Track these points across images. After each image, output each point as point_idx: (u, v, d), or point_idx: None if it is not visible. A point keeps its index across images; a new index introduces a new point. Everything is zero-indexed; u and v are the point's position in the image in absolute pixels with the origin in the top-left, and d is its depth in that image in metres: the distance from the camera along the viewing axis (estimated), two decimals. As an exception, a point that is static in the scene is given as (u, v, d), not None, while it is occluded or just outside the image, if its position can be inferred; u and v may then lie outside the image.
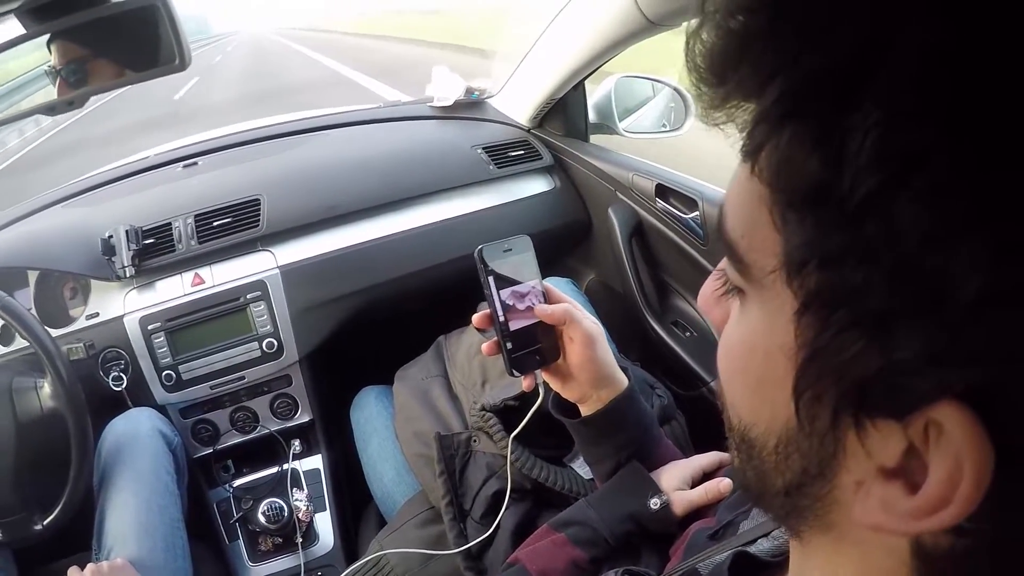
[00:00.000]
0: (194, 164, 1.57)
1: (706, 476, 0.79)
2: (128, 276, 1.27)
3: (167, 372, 1.29)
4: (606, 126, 1.58)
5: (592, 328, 0.78)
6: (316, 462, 1.44)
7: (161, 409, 1.33)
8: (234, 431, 1.42)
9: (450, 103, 1.73)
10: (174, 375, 1.30)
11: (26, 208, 1.50)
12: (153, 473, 1.19)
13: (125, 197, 1.48)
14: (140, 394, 1.30)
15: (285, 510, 1.31)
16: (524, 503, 0.99)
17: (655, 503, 0.75)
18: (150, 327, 1.28)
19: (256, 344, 1.33)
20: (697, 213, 1.21)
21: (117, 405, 1.28)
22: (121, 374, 1.27)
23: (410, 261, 1.44)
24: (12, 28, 0.78)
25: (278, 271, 1.34)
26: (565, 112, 1.60)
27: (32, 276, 1.33)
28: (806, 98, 0.25)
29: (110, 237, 1.28)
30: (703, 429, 1.05)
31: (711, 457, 0.82)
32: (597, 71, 1.42)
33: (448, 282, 1.44)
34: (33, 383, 1.09)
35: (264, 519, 1.30)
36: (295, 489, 1.36)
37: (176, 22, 0.79)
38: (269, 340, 1.33)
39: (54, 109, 0.85)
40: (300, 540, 1.31)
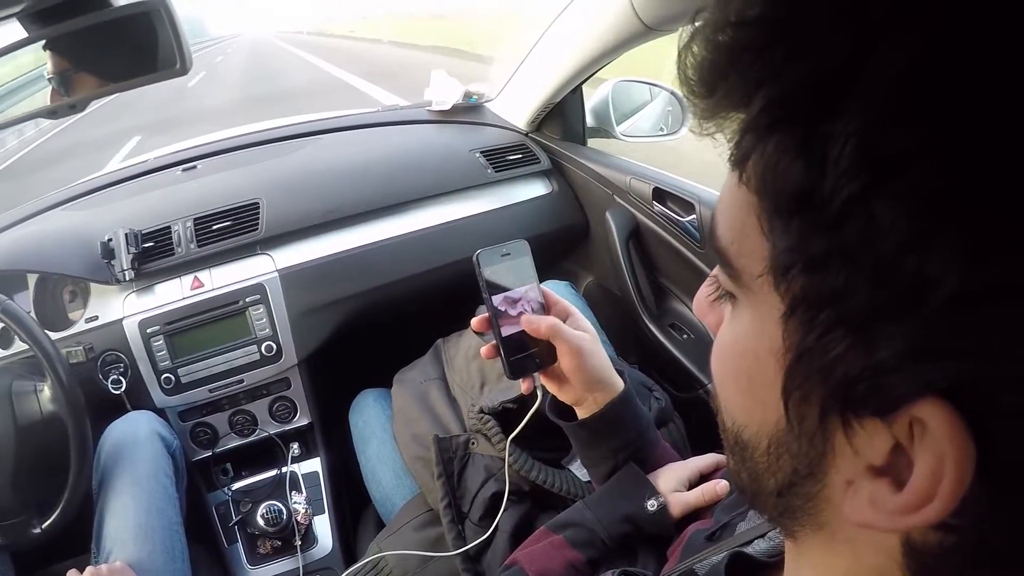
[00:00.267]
0: (193, 168, 1.58)
1: (703, 478, 0.80)
2: (127, 279, 1.27)
3: (166, 375, 1.29)
4: (603, 130, 1.59)
5: (579, 341, 0.77)
6: (315, 465, 1.44)
7: (160, 412, 1.33)
8: (233, 434, 1.42)
9: (448, 107, 1.74)
10: (173, 378, 1.30)
11: (25, 211, 1.50)
12: (152, 476, 1.19)
13: (124, 200, 1.48)
14: (139, 397, 1.30)
15: (284, 513, 1.32)
16: (522, 505, 0.99)
17: (652, 505, 0.75)
18: (149, 330, 1.28)
19: (255, 347, 1.33)
20: (694, 216, 1.22)
21: (116, 408, 1.28)
22: (120, 377, 1.27)
23: (408, 264, 1.44)
24: (14, 31, 0.79)
25: (277, 274, 1.34)
26: (563, 116, 1.61)
27: (31, 279, 1.33)
28: (790, 107, 0.26)
29: (109, 240, 1.28)
30: (700, 431, 1.06)
31: (708, 459, 0.82)
32: (594, 75, 1.42)
33: (446, 285, 1.45)
34: (33, 387, 1.09)
35: (263, 522, 1.30)
36: (294, 492, 1.37)
37: (177, 26, 0.80)
38: (268, 343, 1.33)
39: (56, 112, 0.85)
40: (299, 543, 1.31)
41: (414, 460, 1.16)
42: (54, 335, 1.23)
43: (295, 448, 1.44)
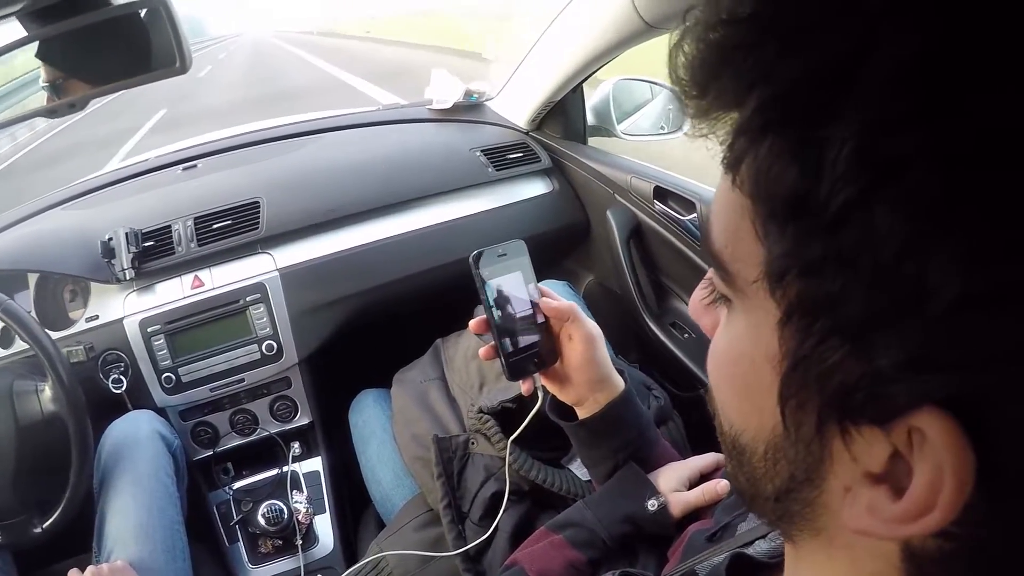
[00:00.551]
0: (194, 167, 1.58)
1: (703, 477, 0.80)
2: (128, 279, 1.27)
3: (167, 374, 1.29)
4: (604, 128, 1.59)
5: (594, 327, 0.79)
6: (316, 464, 1.44)
7: (161, 411, 1.33)
8: (234, 433, 1.42)
9: (449, 106, 1.73)
10: (174, 377, 1.30)
11: (26, 211, 1.50)
12: (153, 475, 1.19)
13: (125, 199, 1.48)
14: (140, 396, 1.30)
15: (285, 512, 1.32)
16: (522, 505, 0.99)
17: (652, 505, 0.75)
18: (150, 329, 1.28)
19: (256, 347, 1.33)
20: (695, 215, 1.22)
21: (117, 407, 1.28)
22: (121, 376, 1.27)
23: (409, 264, 1.44)
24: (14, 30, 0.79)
25: (277, 274, 1.34)
26: (563, 114, 1.61)
27: (32, 279, 1.33)
28: (783, 109, 0.25)
29: (110, 240, 1.28)
30: (700, 430, 1.05)
31: (708, 459, 0.82)
32: (595, 74, 1.42)
33: (446, 285, 1.44)
34: (34, 386, 1.09)
35: (264, 521, 1.30)
36: (295, 491, 1.37)
37: (177, 24, 0.80)
38: (269, 342, 1.33)
39: (55, 112, 0.85)
40: (300, 542, 1.31)
41: (414, 460, 1.16)
42: (55, 334, 1.23)
43: (296, 447, 1.44)
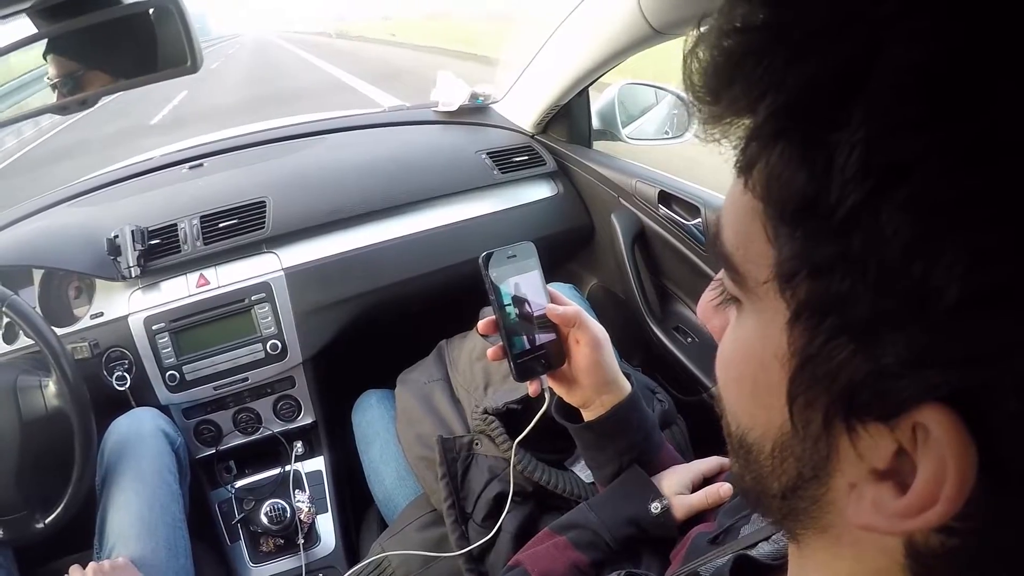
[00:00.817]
0: (200, 166, 1.58)
1: (707, 481, 0.80)
2: (133, 276, 1.28)
3: (171, 372, 1.30)
4: (609, 132, 1.59)
5: (600, 331, 0.79)
6: (318, 464, 1.44)
7: (164, 409, 1.33)
8: (237, 432, 1.42)
9: (454, 108, 1.74)
10: (178, 375, 1.30)
11: (32, 207, 1.50)
12: (156, 473, 1.19)
13: (131, 197, 1.48)
14: (144, 394, 1.31)
15: (287, 511, 1.32)
16: (526, 506, 0.99)
17: (656, 507, 0.75)
18: (155, 327, 1.29)
19: (260, 346, 1.33)
20: (699, 219, 1.22)
21: (120, 405, 1.28)
22: (125, 374, 1.27)
23: (414, 265, 1.44)
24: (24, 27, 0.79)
25: (283, 273, 1.35)
26: (569, 118, 1.61)
27: (37, 275, 1.34)
28: (795, 115, 0.26)
29: (116, 237, 1.29)
30: (704, 434, 1.05)
31: (712, 462, 0.82)
32: (600, 78, 1.43)
33: (451, 286, 1.45)
34: (38, 382, 1.10)
35: (266, 520, 1.30)
36: (297, 490, 1.37)
37: (189, 23, 0.80)
38: (273, 342, 1.33)
39: (66, 108, 0.86)
40: (302, 541, 1.31)
41: (418, 460, 1.16)
42: (59, 331, 1.23)
43: (299, 447, 1.44)
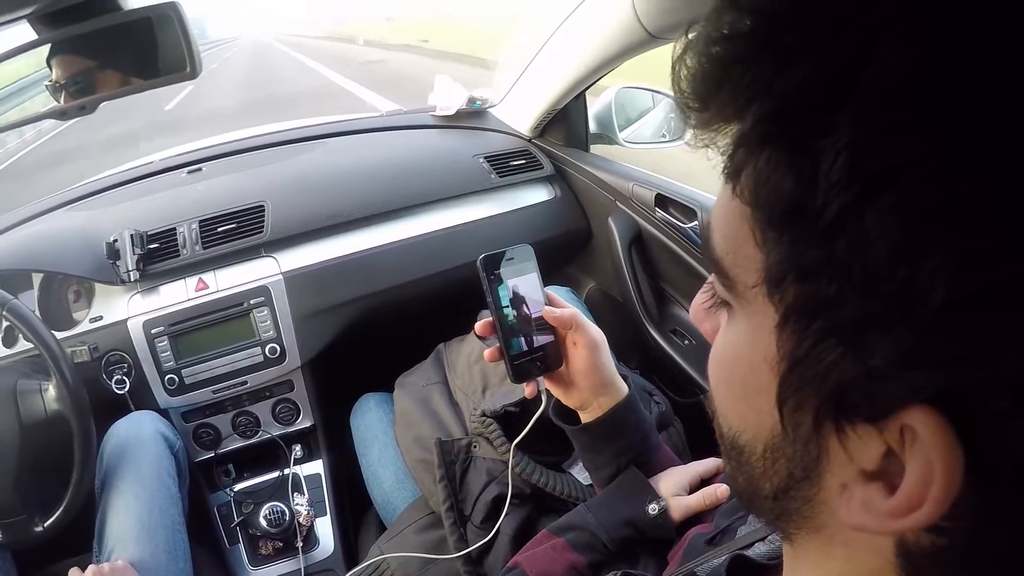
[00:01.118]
0: (199, 170, 1.59)
1: (704, 482, 0.80)
2: (132, 280, 1.28)
3: (170, 376, 1.30)
4: (606, 136, 1.60)
5: (597, 334, 0.80)
6: (317, 467, 1.45)
7: (163, 413, 1.33)
8: (236, 435, 1.42)
9: (452, 112, 1.74)
10: (177, 379, 1.30)
11: (31, 211, 1.51)
12: (155, 476, 1.19)
13: (130, 201, 1.49)
14: (143, 397, 1.31)
15: (286, 514, 1.32)
16: (524, 508, 1.00)
17: (653, 509, 0.76)
18: (154, 331, 1.29)
19: (259, 349, 1.33)
20: (696, 223, 1.23)
21: (120, 408, 1.29)
22: (124, 377, 1.28)
23: (412, 269, 1.45)
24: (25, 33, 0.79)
25: (281, 277, 1.35)
26: (566, 122, 1.62)
27: (36, 279, 1.34)
28: (781, 121, 0.26)
29: (115, 241, 1.29)
30: (701, 436, 1.06)
31: (709, 463, 0.83)
32: (597, 82, 1.43)
33: (449, 290, 1.45)
34: (38, 385, 1.10)
35: (265, 523, 1.30)
36: (296, 494, 1.37)
37: (188, 30, 0.80)
38: (272, 345, 1.33)
39: (66, 114, 0.86)
40: (300, 544, 1.31)
41: (416, 463, 1.17)
42: (59, 335, 1.23)
43: (297, 450, 1.44)
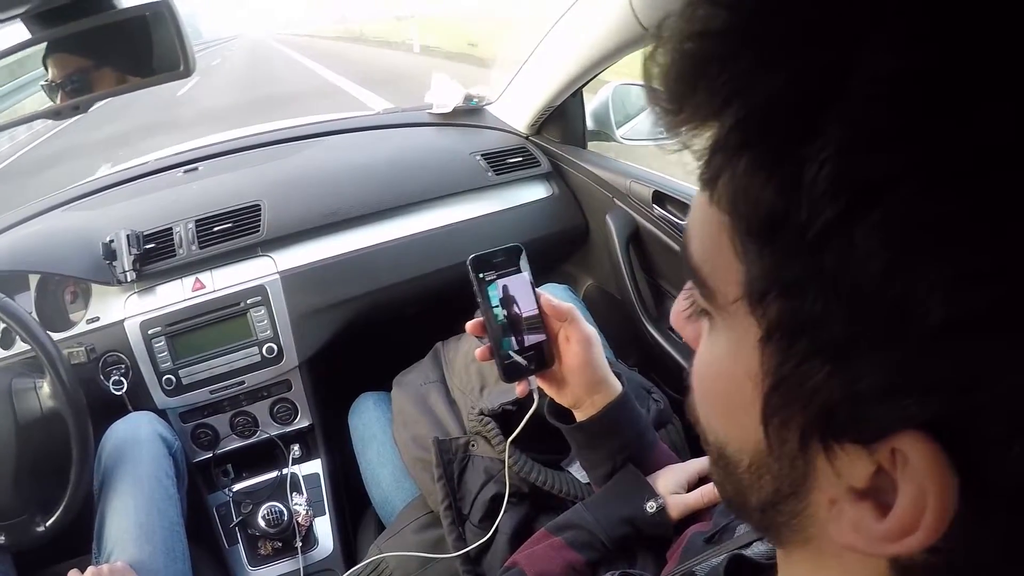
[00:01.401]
0: (195, 169, 1.58)
1: (702, 480, 0.80)
2: (129, 280, 1.28)
3: (167, 376, 1.30)
4: (603, 133, 1.59)
5: (591, 331, 0.79)
6: (315, 467, 1.44)
7: (161, 413, 1.33)
8: (234, 435, 1.42)
9: (449, 110, 1.74)
10: (174, 379, 1.30)
11: (27, 212, 1.50)
12: (153, 477, 1.19)
13: (126, 201, 1.49)
14: (140, 398, 1.30)
15: (285, 514, 1.32)
16: (522, 507, 0.99)
17: (651, 507, 0.76)
18: (151, 331, 1.28)
19: (256, 349, 1.33)
20: (694, 220, 1.22)
21: (117, 409, 1.28)
22: (121, 378, 1.27)
23: (409, 267, 1.45)
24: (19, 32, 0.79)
25: (278, 276, 1.35)
26: (563, 119, 1.61)
27: (33, 280, 1.33)
28: (762, 126, 0.24)
29: (111, 241, 1.29)
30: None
31: (707, 461, 0.82)
32: (594, 79, 1.43)
33: (446, 288, 1.45)
34: (32, 383, 1.10)
35: (264, 523, 1.30)
36: (294, 493, 1.37)
37: (182, 28, 0.80)
38: (269, 345, 1.33)
39: (59, 114, 0.86)
40: (299, 544, 1.31)
41: (414, 462, 1.16)
42: (55, 335, 1.23)
43: (296, 450, 1.44)
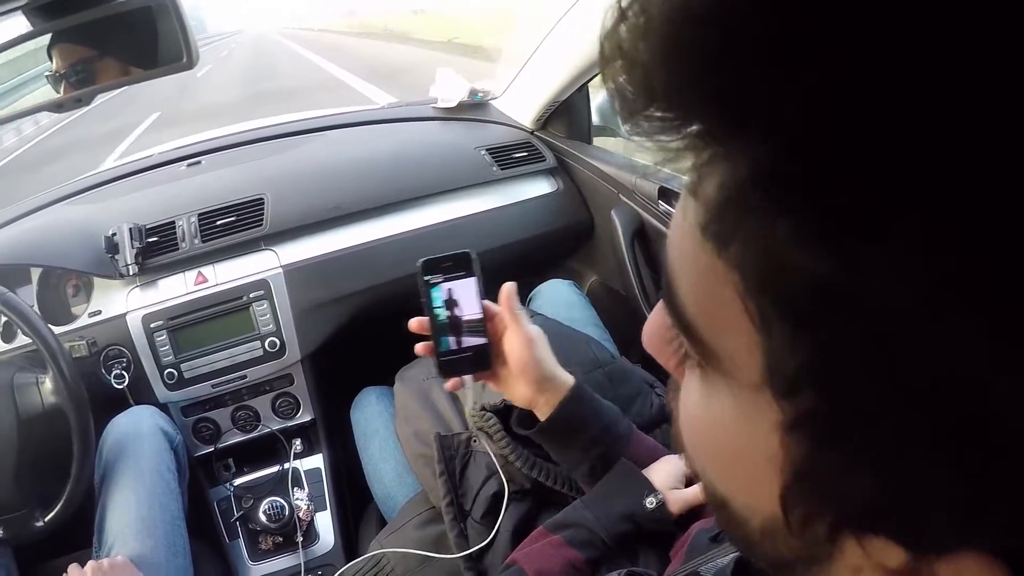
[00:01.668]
0: (198, 163, 1.58)
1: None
2: (131, 274, 1.27)
3: (169, 370, 1.29)
4: (609, 128, 1.59)
5: (533, 330, 0.81)
6: (317, 461, 1.44)
7: (163, 407, 1.33)
8: (235, 430, 1.42)
9: (454, 104, 1.73)
10: (176, 373, 1.30)
11: (29, 205, 1.50)
12: (154, 471, 1.19)
13: (129, 195, 1.48)
14: (142, 392, 1.30)
15: (286, 509, 1.31)
16: (524, 503, 0.99)
17: (651, 502, 0.75)
18: (153, 325, 1.28)
19: (258, 343, 1.33)
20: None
21: (119, 403, 1.28)
22: (123, 372, 1.27)
23: (413, 262, 1.42)
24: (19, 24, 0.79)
25: (281, 270, 1.34)
26: (568, 114, 1.60)
27: (35, 273, 1.33)
28: (809, 172, 0.18)
29: (113, 235, 1.28)
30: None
31: None
32: (599, 74, 1.42)
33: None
34: (35, 378, 1.09)
35: (265, 518, 1.30)
36: (296, 488, 1.37)
37: (184, 20, 0.80)
38: (271, 339, 1.33)
39: (62, 106, 0.86)
40: (300, 539, 1.31)
41: (416, 458, 1.16)
42: (57, 329, 1.23)
43: (297, 444, 1.44)
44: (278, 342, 1.33)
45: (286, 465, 1.40)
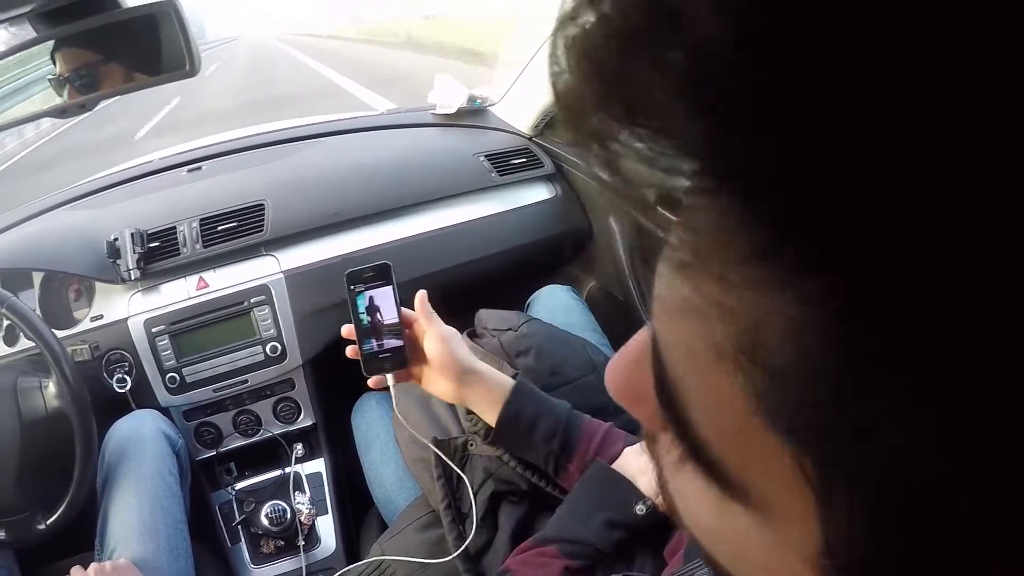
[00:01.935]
0: (199, 168, 1.59)
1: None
2: (133, 279, 1.28)
3: (171, 375, 1.30)
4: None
5: (446, 329, 0.89)
6: (318, 466, 1.45)
7: (164, 411, 1.34)
8: (237, 434, 1.43)
9: (452, 111, 1.74)
10: (178, 378, 1.31)
11: (31, 210, 1.51)
12: (156, 474, 1.19)
13: (130, 200, 1.49)
14: (144, 396, 1.31)
15: (287, 513, 1.32)
16: (521, 504, 0.99)
17: (640, 510, 0.75)
18: (154, 330, 1.29)
19: (260, 348, 1.33)
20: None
21: (121, 407, 1.29)
22: (125, 376, 1.28)
23: (411, 268, 1.44)
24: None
25: (282, 276, 1.35)
26: (567, 120, 1.61)
27: (37, 278, 1.34)
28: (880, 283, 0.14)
29: (115, 240, 1.29)
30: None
31: None
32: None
33: (448, 289, 1.44)
34: (38, 383, 1.10)
35: (267, 521, 1.31)
36: (297, 492, 1.37)
37: (187, 28, 0.81)
38: (272, 344, 1.33)
39: (65, 112, 0.86)
40: (302, 543, 1.31)
41: (415, 462, 1.17)
42: (59, 333, 1.23)
43: (299, 449, 1.44)
44: (279, 347, 1.34)
45: (287, 469, 1.41)
